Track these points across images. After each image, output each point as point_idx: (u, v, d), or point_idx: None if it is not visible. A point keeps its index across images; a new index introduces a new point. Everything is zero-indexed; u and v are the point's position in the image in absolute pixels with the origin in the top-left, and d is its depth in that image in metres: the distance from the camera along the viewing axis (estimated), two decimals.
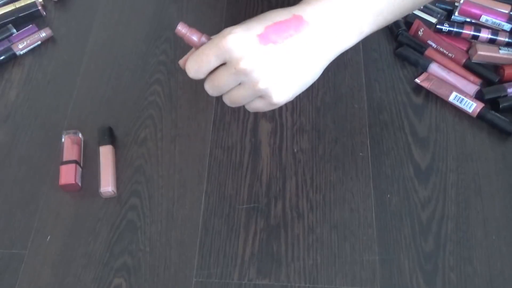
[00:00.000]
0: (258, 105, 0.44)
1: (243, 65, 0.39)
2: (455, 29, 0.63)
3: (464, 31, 0.63)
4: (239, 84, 0.42)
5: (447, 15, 0.66)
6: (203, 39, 0.42)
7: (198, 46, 0.42)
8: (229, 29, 0.40)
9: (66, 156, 0.54)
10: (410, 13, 0.63)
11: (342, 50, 0.44)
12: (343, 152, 0.56)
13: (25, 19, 0.66)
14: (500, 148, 0.56)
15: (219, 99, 0.60)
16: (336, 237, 0.51)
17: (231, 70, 0.40)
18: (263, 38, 0.39)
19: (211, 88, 0.44)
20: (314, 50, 0.42)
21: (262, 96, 0.42)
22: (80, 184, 0.54)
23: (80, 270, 0.49)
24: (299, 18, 0.41)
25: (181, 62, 0.44)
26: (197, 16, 0.68)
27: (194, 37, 0.42)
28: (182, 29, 0.41)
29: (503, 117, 0.57)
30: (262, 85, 0.40)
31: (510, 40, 0.62)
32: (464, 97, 0.58)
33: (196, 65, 0.41)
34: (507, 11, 0.63)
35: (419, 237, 0.51)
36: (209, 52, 0.40)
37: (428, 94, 0.60)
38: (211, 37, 0.43)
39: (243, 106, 0.44)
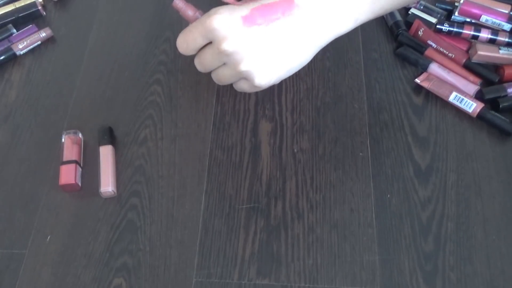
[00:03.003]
0: (243, 86, 0.45)
1: (225, 46, 0.39)
2: (455, 29, 0.63)
3: (464, 31, 0.63)
4: (224, 63, 0.43)
5: (447, 15, 0.66)
6: (198, 15, 0.42)
7: (192, 22, 0.42)
8: (216, 9, 0.40)
9: (66, 156, 0.54)
10: (410, 3, 0.62)
11: (334, 37, 0.43)
12: (343, 152, 0.56)
13: (25, 19, 0.66)
14: (500, 148, 0.56)
15: (219, 99, 0.60)
16: (336, 237, 0.51)
17: (215, 50, 0.40)
18: (248, 20, 0.39)
19: (198, 65, 0.44)
20: (302, 35, 0.41)
21: (245, 77, 0.42)
22: (80, 184, 0.54)
23: (80, 270, 0.49)
24: (290, 1, 0.40)
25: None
26: None
27: (190, 11, 0.41)
28: (179, 2, 0.41)
29: (503, 117, 0.57)
30: (243, 67, 0.40)
31: (510, 40, 0.62)
32: (464, 97, 0.58)
33: (184, 43, 0.42)
34: (507, 11, 0.63)
35: (419, 237, 0.51)
36: (195, 31, 0.40)
37: (428, 94, 0.60)
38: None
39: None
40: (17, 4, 0.67)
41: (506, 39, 0.62)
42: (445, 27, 0.63)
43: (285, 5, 0.40)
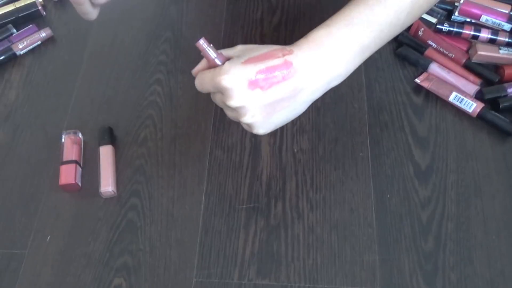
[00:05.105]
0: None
1: (231, 103, 0.44)
2: (455, 29, 0.63)
3: (464, 31, 0.63)
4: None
5: (447, 15, 0.66)
6: (217, 58, 0.46)
7: (210, 63, 0.46)
8: (228, 68, 0.44)
9: (66, 156, 0.54)
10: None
11: (328, 89, 0.47)
12: (343, 152, 0.56)
13: (25, 19, 0.67)
14: (500, 148, 0.56)
15: None
16: (336, 237, 0.51)
17: (222, 100, 0.46)
18: (253, 84, 0.44)
19: (211, 98, 0.49)
20: (299, 94, 0.46)
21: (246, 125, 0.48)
22: (80, 184, 0.54)
23: (80, 270, 0.49)
24: (289, 65, 0.44)
25: (193, 72, 0.48)
26: (197, 16, 0.68)
27: (211, 54, 0.46)
28: (203, 43, 0.45)
29: (503, 117, 0.57)
30: (246, 120, 0.46)
31: (510, 40, 0.62)
32: (464, 97, 0.58)
33: (200, 86, 0.47)
34: (507, 11, 0.63)
35: (419, 237, 0.51)
36: (208, 82, 0.46)
37: (428, 94, 0.60)
38: (223, 51, 0.47)
39: None
40: (17, 4, 0.67)
41: (506, 39, 0.62)
42: (445, 27, 0.63)
43: (285, 69, 0.45)
